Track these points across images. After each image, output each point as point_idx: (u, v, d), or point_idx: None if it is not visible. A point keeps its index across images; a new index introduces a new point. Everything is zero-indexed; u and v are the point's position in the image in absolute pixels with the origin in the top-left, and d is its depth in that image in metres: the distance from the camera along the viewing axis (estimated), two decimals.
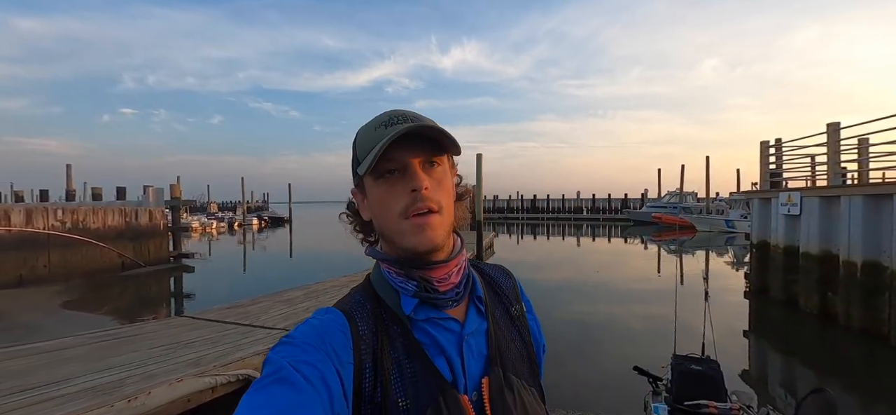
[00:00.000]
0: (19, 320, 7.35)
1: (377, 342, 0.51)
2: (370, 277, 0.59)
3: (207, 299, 9.34)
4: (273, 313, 5.19)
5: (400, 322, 0.53)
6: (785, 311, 7.61)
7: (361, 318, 0.53)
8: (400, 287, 0.54)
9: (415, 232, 0.51)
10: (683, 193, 30.38)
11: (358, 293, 0.57)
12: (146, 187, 14.29)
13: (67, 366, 3.00)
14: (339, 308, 0.53)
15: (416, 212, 0.51)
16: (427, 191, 0.51)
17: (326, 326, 0.50)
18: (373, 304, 0.55)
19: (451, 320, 0.55)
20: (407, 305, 0.54)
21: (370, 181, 0.54)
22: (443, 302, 0.54)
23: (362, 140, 0.54)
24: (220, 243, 23.82)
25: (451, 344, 0.53)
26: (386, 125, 0.52)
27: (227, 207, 51.57)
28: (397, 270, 0.54)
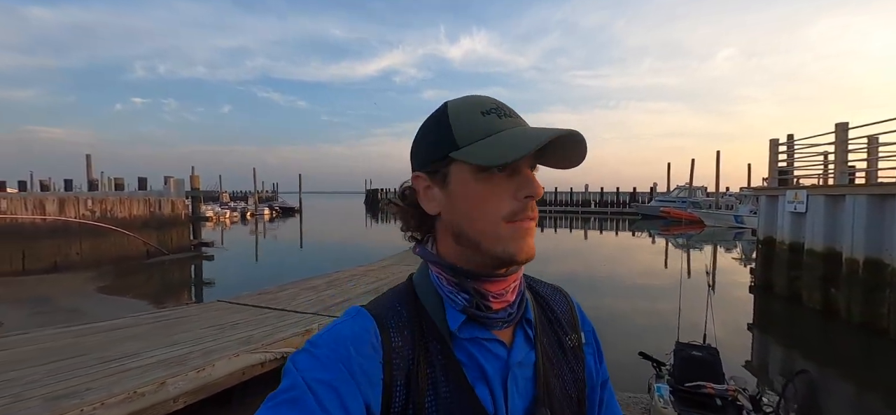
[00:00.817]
0: (62, 303, 7.86)
1: (413, 358, 0.46)
2: (413, 278, 0.53)
3: (226, 286, 9.82)
4: (301, 300, 5.58)
5: (441, 338, 0.48)
6: (788, 306, 7.84)
7: (397, 327, 0.47)
8: (448, 297, 0.49)
9: (516, 238, 0.46)
10: (693, 187, 30.31)
11: (396, 297, 0.51)
12: (167, 178, 14.80)
13: (133, 343, 3.40)
14: (371, 312, 0.48)
15: (525, 218, 0.46)
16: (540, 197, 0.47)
17: (355, 334, 0.45)
18: (412, 312, 0.49)
19: (498, 343, 0.49)
20: (453, 319, 0.48)
21: (468, 173, 0.46)
22: (492, 322, 0.49)
23: (465, 121, 0.47)
24: (232, 232, 24.42)
25: (495, 372, 0.48)
26: (498, 115, 0.47)
27: (238, 196, 52.42)
28: (450, 277, 0.49)
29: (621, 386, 4.62)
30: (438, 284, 0.50)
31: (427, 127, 0.50)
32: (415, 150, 0.51)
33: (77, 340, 3.42)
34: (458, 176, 0.47)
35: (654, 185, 39.91)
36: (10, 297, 8.04)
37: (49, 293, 8.51)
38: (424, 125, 0.51)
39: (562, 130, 0.44)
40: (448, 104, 0.49)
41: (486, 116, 0.47)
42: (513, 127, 0.46)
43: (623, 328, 6.99)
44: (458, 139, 0.46)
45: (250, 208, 35.70)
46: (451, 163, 0.47)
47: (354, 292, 6.11)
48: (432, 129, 0.49)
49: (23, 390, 2.49)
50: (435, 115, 0.50)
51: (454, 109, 0.48)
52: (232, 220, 31.23)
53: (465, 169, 0.46)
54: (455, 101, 0.50)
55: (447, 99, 0.51)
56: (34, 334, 3.74)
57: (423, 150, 0.50)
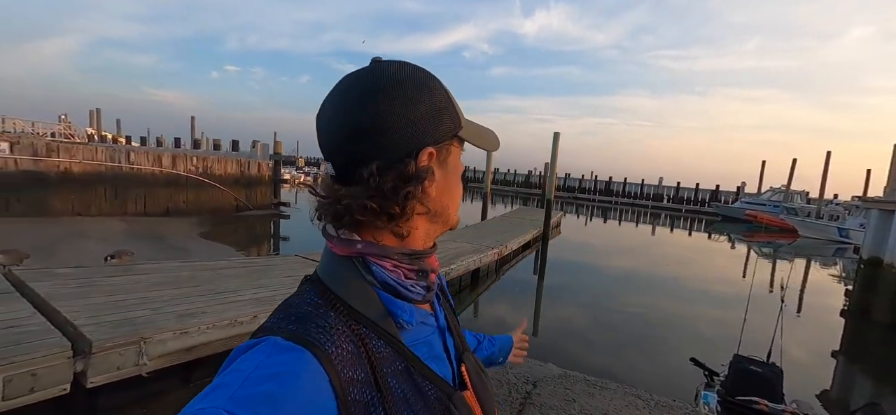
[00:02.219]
0: (173, 242, 9.42)
1: (370, 382, 0.38)
2: (320, 277, 0.45)
3: (298, 243, 10.98)
4: None
5: (388, 336, 0.42)
6: (888, 335, 6.88)
7: (339, 352, 0.37)
8: (404, 290, 0.44)
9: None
10: (790, 191, 26.73)
11: (316, 311, 0.40)
12: (255, 142, 16.59)
13: (233, 281, 4.10)
14: (297, 341, 0.36)
15: None
16: None
17: (288, 385, 0.33)
18: (344, 322, 0.40)
19: (429, 314, 0.48)
20: (405, 312, 0.43)
21: (457, 154, 0.48)
22: (431, 297, 0.48)
23: (456, 105, 0.46)
24: (304, 195, 26.68)
25: (436, 341, 0.48)
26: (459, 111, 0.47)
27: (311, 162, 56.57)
28: (408, 267, 0.45)
29: (663, 390, 4.53)
30: (394, 280, 0.43)
31: (429, 96, 0.43)
32: (413, 118, 0.42)
33: (193, 273, 4.21)
34: (455, 157, 0.47)
35: (743, 184, 35.77)
36: (137, 233, 9.81)
37: (164, 233, 10.20)
38: (420, 92, 0.43)
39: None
40: (434, 78, 0.45)
41: (460, 113, 0.48)
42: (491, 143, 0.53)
43: (677, 333, 6.68)
44: (461, 120, 0.46)
45: (322, 174, 38.45)
46: (452, 141, 0.46)
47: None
48: (442, 100, 0.44)
49: (161, 305, 3.20)
50: (428, 83, 0.44)
51: (443, 89, 0.45)
52: (306, 183, 33.98)
53: (457, 150, 0.48)
54: (431, 75, 0.45)
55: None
56: (162, 264, 4.67)
57: (431, 123, 0.43)
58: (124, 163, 11.61)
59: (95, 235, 8.86)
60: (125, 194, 11.67)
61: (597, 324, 6.77)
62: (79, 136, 19.34)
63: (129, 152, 12.08)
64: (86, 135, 20.92)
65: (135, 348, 2.62)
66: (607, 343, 6.03)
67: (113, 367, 2.54)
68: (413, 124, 0.42)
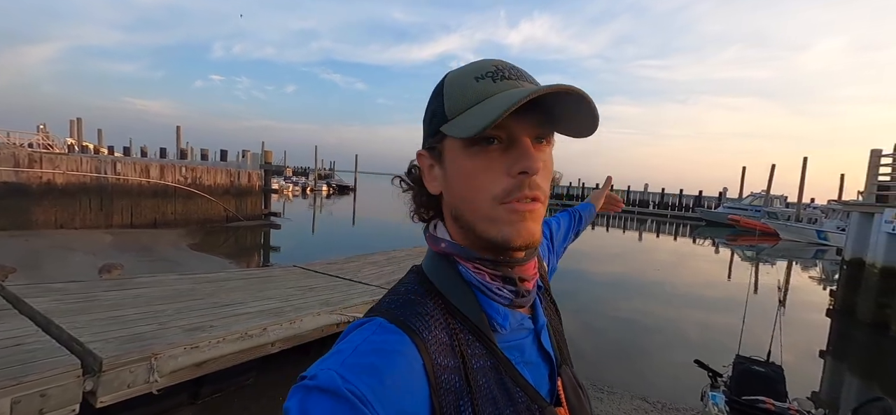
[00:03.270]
0: (163, 254, 9.19)
1: (461, 371, 0.40)
2: (425, 273, 0.46)
3: (288, 253, 10.86)
4: (366, 272, 6.10)
5: (482, 336, 0.42)
6: (872, 334, 7.13)
7: (434, 340, 0.40)
8: (493, 294, 0.43)
9: (512, 221, 0.41)
10: (770, 195, 27.60)
11: (418, 300, 0.43)
12: (245, 152, 16.37)
13: (238, 294, 4.04)
14: (398, 325, 0.39)
15: (520, 198, 0.40)
16: (537, 176, 0.41)
17: (389, 362, 0.36)
18: (442, 314, 0.42)
19: (527, 318, 0.47)
20: (499, 315, 0.43)
21: (458, 148, 0.42)
22: (526, 302, 0.46)
23: (457, 90, 0.42)
24: (293, 205, 26.36)
25: (530, 347, 0.46)
26: (493, 77, 0.41)
27: (299, 171, 56.03)
28: (493, 271, 0.43)
29: (669, 394, 4.61)
30: (472, 278, 0.44)
31: (428, 102, 0.45)
32: (424, 124, 0.46)
33: (194, 286, 4.13)
34: (451, 152, 0.43)
35: (724, 189, 36.85)
36: (124, 245, 9.53)
37: (152, 245, 9.95)
38: (432, 98, 0.45)
39: (550, 87, 0.37)
40: (447, 74, 0.44)
41: (480, 82, 0.41)
42: (508, 90, 0.40)
43: (675, 337, 6.80)
44: (447, 111, 0.42)
45: (310, 184, 38.13)
46: (444, 138, 0.43)
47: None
48: (430, 103, 0.45)
49: (166, 320, 3.12)
50: (435, 87, 0.45)
51: (450, 78, 0.44)
52: (294, 193, 33.65)
53: (455, 144, 0.42)
54: (455, 70, 0.44)
55: None
56: (161, 277, 4.56)
57: (424, 126, 0.46)
58: (110, 174, 11.31)
59: (81, 248, 8.59)
60: (111, 206, 11.35)
61: (592, 330, 6.84)
62: (58, 146, 18.77)
63: (115, 163, 11.78)
64: (66, 145, 20.32)
65: (146, 365, 2.55)
66: (605, 349, 6.10)
67: (123, 385, 2.47)
68: (424, 130, 0.47)
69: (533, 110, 0.39)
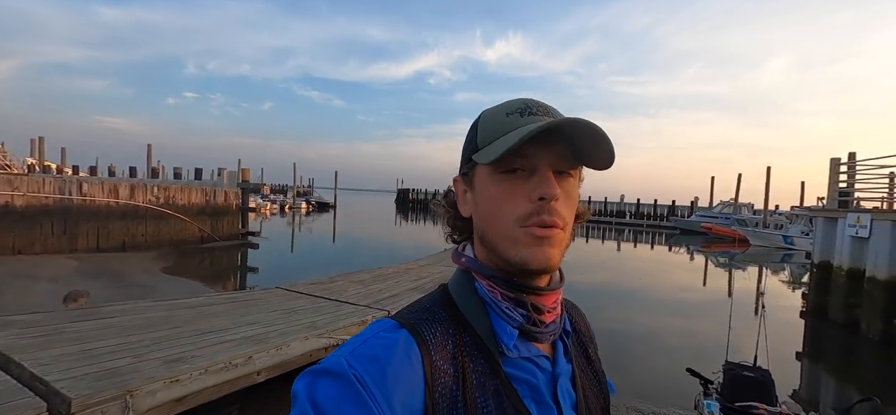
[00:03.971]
0: (134, 279, 8.70)
1: (459, 380, 0.42)
2: (448, 288, 0.50)
3: (269, 273, 10.49)
4: (352, 292, 5.93)
5: (488, 354, 0.44)
6: (844, 334, 7.45)
7: (438, 344, 0.43)
8: (503, 313, 0.45)
9: (531, 244, 0.43)
10: (738, 203, 28.85)
11: (431, 308, 0.47)
12: (221, 170, 15.87)
13: (219, 319, 3.83)
14: (406, 326, 0.43)
15: (539, 223, 0.43)
16: (556, 203, 0.43)
17: (391, 355, 0.40)
18: (453, 325, 0.45)
19: (544, 357, 0.47)
20: (507, 335, 0.45)
21: (486, 174, 0.45)
22: (543, 336, 0.47)
23: (488, 124, 0.46)
24: (271, 224, 25.66)
25: (544, 385, 0.46)
26: (522, 113, 0.45)
27: (277, 189, 54.86)
28: (505, 291, 0.46)
29: (664, 401, 4.64)
30: (488, 298, 0.46)
31: (466, 134, 0.50)
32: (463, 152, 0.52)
33: (170, 313, 3.88)
34: (480, 179, 0.47)
35: (696, 199, 38.25)
36: (90, 271, 8.98)
37: (122, 270, 9.41)
38: (469, 131, 0.50)
39: (565, 120, 0.41)
40: (484, 111, 0.49)
41: (509, 117, 0.45)
42: (532, 123, 0.43)
43: (659, 345, 6.90)
44: (479, 142, 0.46)
45: (288, 202, 37.32)
46: (476, 166, 0.47)
47: (400, 288, 6.40)
48: (467, 135, 0.50)
49: (143, 351, 2.91)
50: (473, 122, 0.50)
51: (485, 114, 0.48)
52: (271, 211, 32.83)
53: (484, 171, 0.46)
54: (491, 107, 0.49)
55: (480, 102, 0.56)
56: (133, 304, 4.28)
57: (462, 156, 0.50)
58: (76, 195, 10.71)
59: (43, 276, 8.03)
60: (75, 229, 10.72)
61: None
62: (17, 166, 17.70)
63: (81, 183, 11.18)
64: (25, 165, 19.19)
65: (120, 404, 2.35)
66: None
67: None
68: (461, 159, 0.51)
69: (555, 143, 0.43)
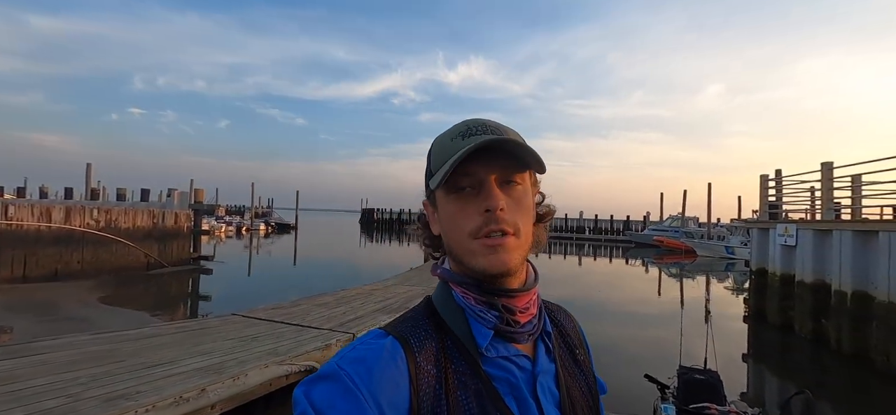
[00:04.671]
0: (67, 311, 7.87)
1: (441, 380, 0.45)
2: (432, 298, 0.54)
3: (224, 300, 9.89)
4: (315, 315, 5.72)
5: (468, 355, 0.48)
6: (781, 335, 8.10)
7: (422, 348, 0.47)
8: (477, 315, 0.49)
9: (485, 253, 0.47)
10: (685, 217, 30.96)
11: (416, 317, 0.51)
12: (172, 191, 14.91)
13: (169, 350, 3.55)
14: (393, 334, 0.47)
15: (487, 233, 0.46)
16: (502, 212, 0.46)
17: (378, 357, 0.44)
18: (435, 331, 0.49)
19: (524, 356, 0.50)
20: (481, 336, 0.48)
21: (442, 195, 0.50)
22: (520, 335, 0.49)
23: (437, 150, 0.51)
24: (227, 247, 24.28)
25: (524, 383, 0.48)
26: (463, 136, 0.48)
27: (233, 210, 52.20)
28: (477, 295, 0.49)
29: (623, 407, 4.80)
30: (464, 303, 0.50)
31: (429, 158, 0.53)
32: None
33: (113, 347, 3.55)
34: (440, 199, 0.51)
35: (648, 214, 40.64)
36: (15, 303, 8.04)
37: (52, 301, 8.50)
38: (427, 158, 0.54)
39: (485, 139, 0.46)
40: (435, 138, 0.53)
41: (454, 141, 0.49)
42: (469, 143, 0.46)
43: (622, 354, 7.16)
44: (433, 167, 0.50)
45: (246, 223, 35.58)
46: (434, 191, 0.51)
47: (365, 310, 6.26)
48: (427, 161, 0.53)
49: (79, 390, 2.63)
50: (431, 146, 0.53)
51: (435, 140, 0.52)
52: (227, 234, 31.11)
53: (441, 192, 0.50)
54: (440, 134, 0.53)
55: (445, 122, 0.60)
56: (68, 339, 3.87)
57: (425, 182, 0.54)
58: (0, 219, 9.63)
59: None
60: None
61: None
62: None
63: (6, 206, 10.08)
64: None
65: None
66: None
67: None
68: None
69: (500, 156, 0.47)
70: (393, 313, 6.13)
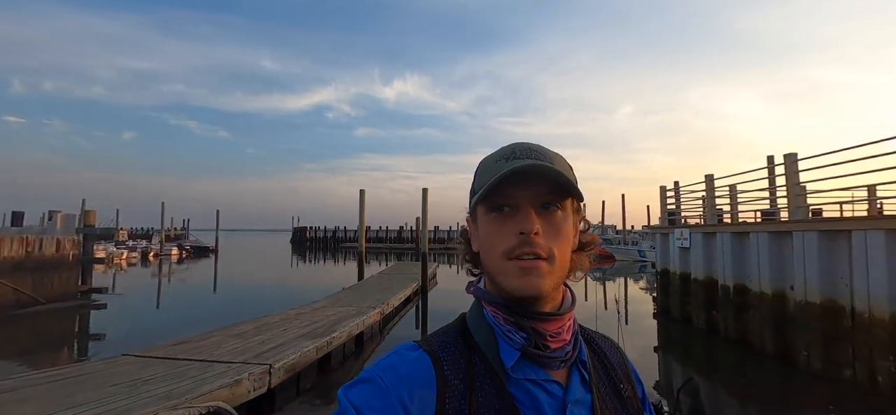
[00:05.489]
0: None
1: (467, 396, 0.47)
2: (465, 316, 0.56)
3: (121, 338, 8.56)
4: (227, 348, 5.17)
5: (495, 374, 0.48)
6: (683, 327, 9.11)
7: (450, 363, 0.49)
8: (505, 335, 0.50)
9: (517, 275, 0.48)
10: (604, 225, 33.95)
11: (448, 333, 0.53)
12: (52, 213, 12.70)
13: (30, 406, 2.92)
14: (424, 348, 0.50)
15: (520, 255, 0.47)
16: (537, 236, 0.47)
17: (409, 367, 0.47)
18: (465, 348, 0.51)
19: (555, 383, 0.49)
20: (508, 356, 0.49)
21: (482, 213, 0.51)
22: (550, 361, 0.49)
23: (483, 170, 0.53)
24: (129, 276, 21.26)
25: (550, 410, 0.48)
26: (507, 158, 0.50)
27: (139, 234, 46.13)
28: (506, 315, 0.50)
29: None
30: (493, 322, 0.51)
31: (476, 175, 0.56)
32: None
33: None
34: (480, 217, 0.52)
35: None
36: None
37: None
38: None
39: (524, 164, 0.48)
40: (483, 158, 0.55)
41: (498, 162, 0.51)
42: (511, 166, 0.48)
43: None
44: (476, 186, 0.53)
45: (154, 248, 31.57)
46: (477, 205, 0.53)
47: (287, 337, 5.81)
48: (476, 174, 0.55)
49: None
50: (478, 166, 0.56)
51: (482, 160, 0.55)
52: (130, 261, 27.29)
53: (482, 210, 0.52)
54: (489, 154, 0.55)
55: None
56: None
57: (469, 198, 0.56)
58: None
59: None
60: None
61: None
62: None
63: None
64: None
65: None
66: None
67: None
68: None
69: (540, 181, 0.49)
70: (318, 338, 5.76)
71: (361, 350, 7.17)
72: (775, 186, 7.89)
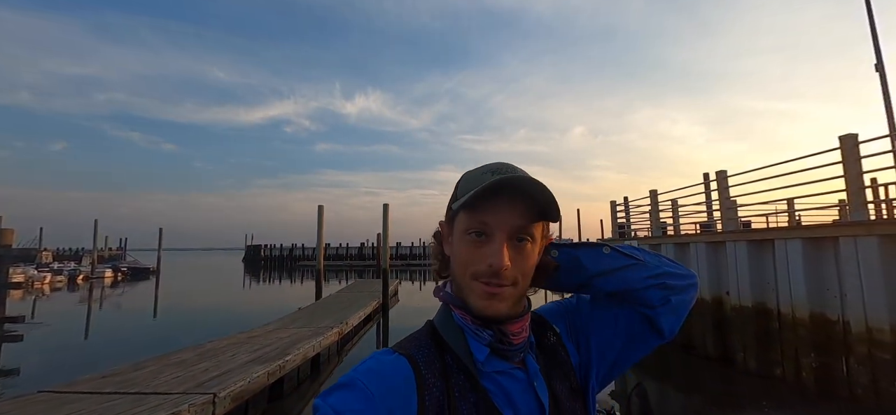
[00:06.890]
0: None
1: (444, 392, 0.49)
2: (433, 321, 0.58)
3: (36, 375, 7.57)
4: (165, 377, 4.72)
5: (466, 370, 0.52)
6: None
7: (426, 364, 0.51)
8: (474, 334, 0.53)
9: (482, 297, 0.51)
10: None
11: (419, 337, 0.56)
12: None
13: None
14: (400, 352, 0.52)
15: (487, 282, 0.51)
16: (506, 270, 0.50)
17: (388, 371, 0.49)
18: (437, 349, 0.54)
19: (517, 369, 0.54)
20: (479, 351, 0.52)
21: (461, 227, 0.54)
22: (513, 354, 0.53)
23: (466, 179, 0.56)
24: (53, 302, 18.96)
25: (518, 393, 0.52)
26: (492, 172, 0.53)
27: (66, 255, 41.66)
28: (473, 316, 0.53)
29: None
30: (462, 322, 0.54)
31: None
32: None
33: None
34: (457, 229, 0.55)
35: None
36: None
37: None
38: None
39: (510, 177, 0.50)
40: (466, 171, 0.58)
41: (483, 174, 0.53)
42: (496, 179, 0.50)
43: None
44: (458, 193, 0.56)
45: (84, 270, 28.60)
46: (456, 214, 0.55)
47: (234, 363, 5.41)
48: (455, 188, 0.58)
49: None
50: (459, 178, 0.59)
51: (467, 172, 0.58)
52: (54, 285, 24.48)
53: (461, 225, 0.54)
54: (473, 168, 0.58)
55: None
56: None
57: (448, 204, 0.59)
58: None
59: None
60: None
61: None
62: None
63: None
64: None
65: None
66: None
67: None
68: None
69: (519, 203, 0.52)
70: (269, 362, 5.42)
71: (318, 373, 6.84)
72: (711, 200, 8.60)
